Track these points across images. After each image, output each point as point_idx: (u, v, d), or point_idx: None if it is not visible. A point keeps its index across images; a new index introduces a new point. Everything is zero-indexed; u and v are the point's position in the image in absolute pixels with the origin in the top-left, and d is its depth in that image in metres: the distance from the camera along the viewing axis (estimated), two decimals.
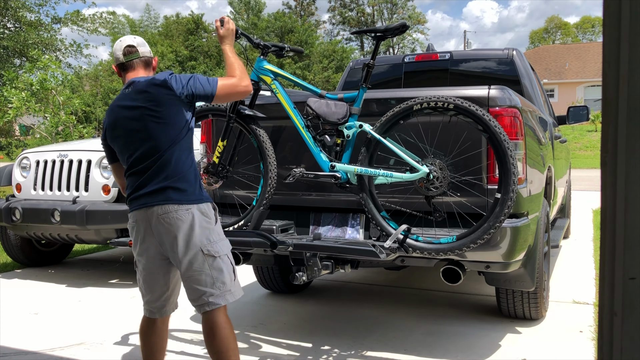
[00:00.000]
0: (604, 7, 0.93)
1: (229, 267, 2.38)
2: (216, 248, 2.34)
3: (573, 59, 39.27)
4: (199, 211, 2.33)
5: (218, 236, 2.39)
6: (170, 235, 2.31)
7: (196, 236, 2.30)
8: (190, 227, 2.29)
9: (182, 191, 2.32)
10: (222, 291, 2.33)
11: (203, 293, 2.32)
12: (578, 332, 3.52)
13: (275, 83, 3.10)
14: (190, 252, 2.30)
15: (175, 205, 2.29)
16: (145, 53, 2.54)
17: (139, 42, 2.55)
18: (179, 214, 2.28)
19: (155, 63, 2.62)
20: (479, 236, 2.71)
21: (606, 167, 0.94)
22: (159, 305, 2.54)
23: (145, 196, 2.33)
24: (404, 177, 2.82)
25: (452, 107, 2.72)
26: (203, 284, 2.32)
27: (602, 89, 0.94)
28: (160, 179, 2.32)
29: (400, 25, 2.97)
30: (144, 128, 2.34)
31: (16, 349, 3.39)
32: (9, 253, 5.58)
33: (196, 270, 2.31)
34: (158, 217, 2.30)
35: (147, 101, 2.35)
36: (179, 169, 2.34)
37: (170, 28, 33.11)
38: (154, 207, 2.31)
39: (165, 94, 2.35)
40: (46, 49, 20.15)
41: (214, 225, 2.38)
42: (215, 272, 2.32)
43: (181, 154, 2.35)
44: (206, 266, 2.31)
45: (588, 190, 11.54)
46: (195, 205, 2.33)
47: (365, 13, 49.96)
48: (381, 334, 3.53)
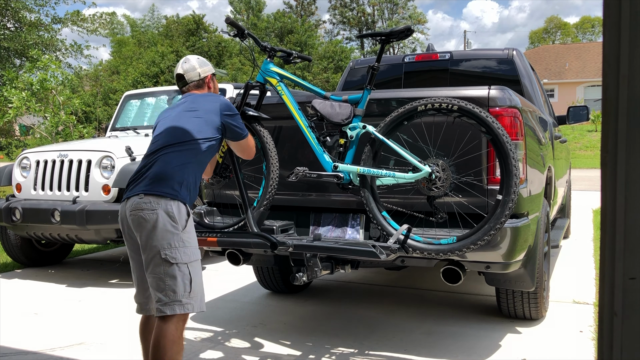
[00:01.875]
0: (604, 7, 0.93)
1: (185, 277, 2.29)
2: (174, 254, 2.28)
3: (573, 59, 39.27)
4: (165, 213, 2.29)
5: (181, 243, 2.31)
6: (137, 232, 2.33)
7: (157, 238, 2.27)
8: (153, 227, 2.28)
9: (157, 182, 2.34)
10: (170, 300, 2.26)
11: (156, 298, 2.30)
12: (578, 332, 3.52)
13: (281, 85, 3.14)
14: (150, 253, 2.29)
15: (143, 199, 2.30)
16: (193, 78, 2.72)
17: (187, 68, 2.72)
18: (145, 213, 2.29)
19: (208, 80, 2.78)
20: (479, 237, 2.71)
21: (606, 167, 0.94)
22: (142, 301, 2.53)
23: (129, 190, 2.42)
24: (407, 177, 2.83)
25: (456, 109, 2.73)
26: (156, 288, 2.29)
27: (602, 89, 0.94)
28: (148, 174, 2.41)
29: (405, 28, 2.99)
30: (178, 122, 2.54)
31: (16, 349, 3.39)
32: (9, 253, 5.58)
33: (152, 272, 2.29)
34: (130, 212, 2.34)
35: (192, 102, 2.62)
36: (168, 169, 2.40)
37: (171, 28, 33.12)
38: (129, 201, 2.37)
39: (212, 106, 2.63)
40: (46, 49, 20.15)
41: (179, 231, 2.31)
42: (168, 279, 2.26)
43: (186, 168, 2.46)
44: (161, 270, 2.27)
45: (588, 190, 11.54)
46: (163, 202, 2.30)
47: (365, 13, 49.94)
48: (381, 334, 3.53)
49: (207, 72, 2.78)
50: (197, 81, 2.73)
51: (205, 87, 2.76)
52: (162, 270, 2.26)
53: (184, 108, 2.61)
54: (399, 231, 2.83)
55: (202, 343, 3.46)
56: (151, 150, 2.52)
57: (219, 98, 2.67)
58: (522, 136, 2.94)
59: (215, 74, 2.86)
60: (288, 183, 3.16)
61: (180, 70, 2.74)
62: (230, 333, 3.59)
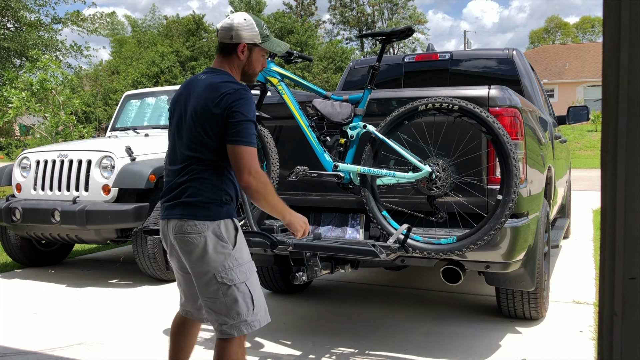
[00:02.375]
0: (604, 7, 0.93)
1: (246, 296, 2.15)
2: (231, 276, 2.13)
3: (573, 59, 39.27)
4: (213, 234, 2.12)
5: (235, 262, 2.15)
6: (184, 256, 2.18)
7: (209, 262, 2.12)
8: (203, 251, 2.11)
9: (196, 206, 2.13)
10: (236, 321, 2.14)
11: (216, 320, 2.17)
12: (578, 332, 3.52)
13: (281, 84, 3.14)
14: (203, 278, 2.14)
15: (188, 223, 2.11)
16: (224, 38, 2.22)
17: (223, 24, 2.24)
18: (192, 237, 2.11)
19: (240, 51, 2.23)
20: (479, 237, 2.71)
21: (606, 167, 0.94)
22: (192, 310, 2.40)
23: (167, 208, 2.21)
24: (407, 176, 2.84)
25: (457, 109, 2.73)
26: (217, 311, 2.15)
27: (602, 89, 0.94)
28: (181, 193, 2.16)
29: (406, 28, 2.99)
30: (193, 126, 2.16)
31: (16, 349, 3.39)
32: (9, 253, 5.58)
33: (210, 296, 2.15)
34: (174, 235, 2.17)
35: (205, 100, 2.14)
36: (203, 186, 2.15)
37: (171, 28, 33.12)
38: (171, 222, 2.19)
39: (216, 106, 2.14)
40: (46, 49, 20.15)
41: (231, 250, 2.15)
42: (229, 301, 2.13)
43: (211, 173, 2.16)
44: (220, 294, 2.13)
45: (588, 190, 11.54)
46: (209, 224, 2.11)
47: (365, 13, 49.94)
48: (381, 334, 3.53)
49: (244, 38, 2.21)
50: (226, 43, 2.22)
51: (234, 57, 2.24)
52: (221, 293, 2.12)
53: (192, 104, 2.18)
54: (399, 231, 2.83)
55: (202, 343, 3.46)
56: (177, 156, 2.21)
57: (233, 87, 2.13)
58: (522, 136, 2.94)
59: (260, 45, 2.27)
60: (288, 182, 3.16)
61: (220, 24, 2.26)
62: None
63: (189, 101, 2.20)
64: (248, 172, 2.07)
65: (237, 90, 2.11)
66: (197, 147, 2.14)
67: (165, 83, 27.40)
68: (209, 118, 2.11)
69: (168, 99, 6.30)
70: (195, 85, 2.22)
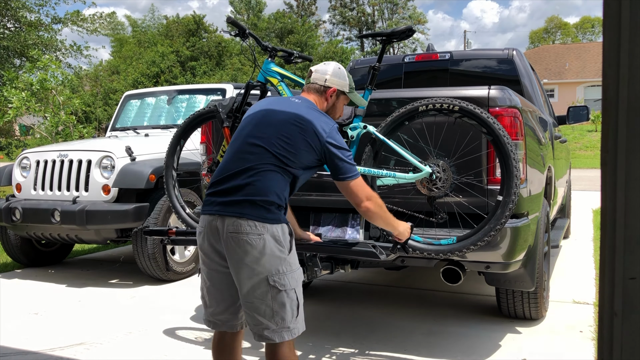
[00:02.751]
0: (604, 7, 0.93)
1: (293, 303, 2.15)
2: (283, 281, 2.12)
3: (573, 59, 39.27)
4: (272, 237, 2.10)
5: (289, 267, 2.15)
6: (237, 256, 2.12)
7: (265, 265, 2.10)
8: (261, 253, 2.09)
9: (259, 206, 2.11)
10: (279, 327, 2.13)
11: (260, 323, 2.14)
12: (578, 332, 3.52)
13: (282, 84, 3.14)
14: (254, 279, 2.10)
15: (248, 223, 2.09)
16: (317, 80, 2.49)
17: (318, 68, 2.52)
18: (250, 237, 2.08)
19: (329, 94, 2.49)
20: (479, 238, 2.71)
21: (606, 167, 0.94)
22: (224, 318, 2.29)
23: (221, 204, 2.16)
24: (407, 177, 2.83)
25: (457, 110, 2.73)
26: (262, 314, 2.12)
27: (602, 89, 0.94)
28: (244, 192, 2.13)
29: (406, 29, 2.99)
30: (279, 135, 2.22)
31: (16, 349, 3.39)
32: (9, 253, 5.58)
33: (257, 298, 2.12)
34: (229, 233, 2.11)
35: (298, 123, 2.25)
36: (269, 187, 2.14)
37: (171, 28, 33.11)
38: (226, 219, 2.12)
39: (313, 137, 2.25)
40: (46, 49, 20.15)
41: (286, 254, 2.14)
42: (276, 306, 2.11)
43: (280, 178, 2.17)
44: (269, 297, 2.10)
45: (588, 190, 11.54)
46: (269, 227, 2.10)
47: (365, 13, 49.95)
48: (381, 334, 3.54)
49: (335, 84, 2.50)
50: (318, 85, 2.47)
51: (323, 97, 2.48)
52: (270, 297, 2.10)
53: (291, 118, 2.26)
54: None
55: (203, 343, 3.46)
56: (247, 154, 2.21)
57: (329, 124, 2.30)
58: (522, 136, 2.94)
59: (346, 94, 2.56)
60: None
61: (314, 67, 2.55)
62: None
63: (283, 115, 2.27)
64: (366, 199, 2.27)
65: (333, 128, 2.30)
66: (278, 153, 2.17)
67: (165, 83, 27.39)
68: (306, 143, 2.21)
69: (168, 99, 6.30)
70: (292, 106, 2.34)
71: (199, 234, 2.26)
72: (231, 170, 2.20)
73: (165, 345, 3.44)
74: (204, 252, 2.24)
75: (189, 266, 5.13)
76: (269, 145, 2.19)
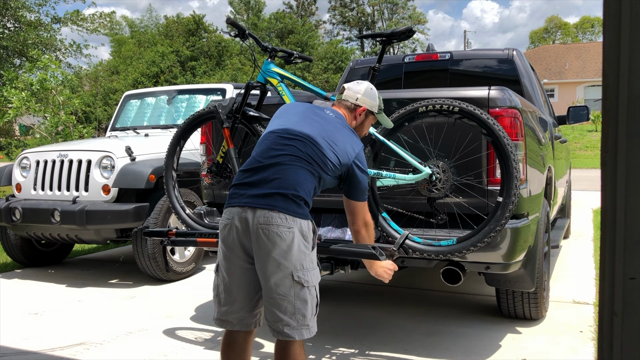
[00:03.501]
0: (604, 7, 0.93)
1: (314, 301, 2.21)
2: (307, 277, 2.16)
3: (573, 59, 39.28)
4: (300, 232, 2.12)
5: (312, 264, 2.20)
6: (265, 248, 2.11)
7: (291, 259, 2.10)
8: (289, 247, 2.10)
9: (291, 200, 2.13)
10: (299, 324, 2.15)
11: (280, 320, 2.14)
12: (578, 332, 3.52)
13: (281, 85, 3.14)
14: (279, 274, 2.10)
15: (280, 216, 2.10)
16: (349, 98, 2.57)
17: (351, 86, 2.59)
18: (280, 230, 2.09)
19: (360, 112, 2.57)
20: (479, 239, 2.71)
21: (606, 167, 0.94)
22: (239, 316, 2.26)
23: (252, 196, 2.16)
24: (407, 178, 2.84)
25: (457, 111, 2.73)
26: (283, 311, 2.13)
27: (602, 89, 0.94)
28: (275, 184, 2.16)
29: (406, 29, 2.99)
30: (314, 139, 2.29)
31: (16, 349, 3.39)
32: (9, 253, 5.58)
33: (280, 294, 2.12)
34: (259, 225, 2.10)
35: (331, 133, 2.34)
36: (299, 182, 2.18)
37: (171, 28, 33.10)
38: (257, 211, 2.12)
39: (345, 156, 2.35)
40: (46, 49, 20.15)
41: (310, 251, 2.18)
42: (298, 302, 2.14)
43: (310, 177, 2.22)
44: (292, 293, 2.13)
45: (588, 190, 11.54)
46: (299, 221, 2.13)
47: (365, 13, 49.96)
48: (381, 334, 3.54)
49: (366, 104, 2.57)
50: (350, 104, 2.56)
51: (352, 115, 2.56)
52: (293, 292, 2.12)
53: (328, 128, 2.36)
54: (402, 236, 2.84)
55: (203, 343, 3.46)
56: (280, 150, 2.25)
57: (358, 145, 2.41)
58: (522, 137, 2.94)
59: (374, 114, 2.63)
60: None
61: (347, 84, 2.63)
62: None
63: (318, 125, 2.35)
64: (364, 223, 2.48)
65: (362, 150, 2.41)
66: (309, 156, 2.24)
67: (165, 83, 27.39)
68: (335, 157, 2.29)
69: (168, 99, 6.30)
70: (327, 119, 2.43)
71: (223, 227, 2.21)
72: (262, 163, 2.22)
73: (165, 345, 3.44)
74: (227, 245, 2.20)
75: (189, 266, 5.13)
76: (302, 146, 2.25)
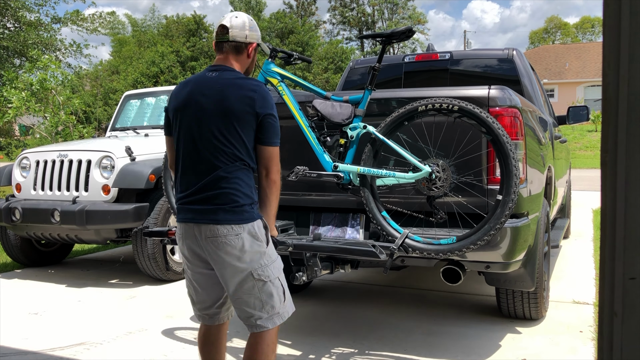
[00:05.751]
0: (604, 7, 0.93)
1: (279, 290, 2.25)
2: (267, 272, 2.21)
3: (573, 59, 39.27)
4: (249, 235, 2.16)
5: (269, 259, 2.23)
6: (219, 258, 2.17)
7: (246, 261, 2.16)
8: (241, 251, 2.15)
9: (231, 211, 2.14)
10: (270, 314, 2.23)
11: (251, 315, 2.23)
12: (578, 332, 3.52)
13: (282, 85, 3.14)
14: (239, 276, 2.17)
15: (224, 227, 2.13)
16: (238, 37, 2.29)
17: (235, 24, 2.29)
18: (229, 239, 2.13)
19: (251, 50, 2.35)
20: (479, 237, 2.71)
21: (606, 167, 0.94)
22: (212, 312, 2.39)
23: (194, 212, 2.18)
24: (407, 176, 2.84)
25: (457, 109, 2.73)
26: (252, 307, 2.21)
27: (602, 89, 0.94)
28: (211, 193, 2.16)
29: (406, 29, 2.99)
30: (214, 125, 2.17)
31: (16, 349, 3.39)
32: (9, 253, 5.58)
33: (245, 292, 2.20)
34: (206, 238, 2.16)
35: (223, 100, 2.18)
36: (233, 184, 2.16)
37: (171, 28, 33.10)
38: (202, 226, 2.16)
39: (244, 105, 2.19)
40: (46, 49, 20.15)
41: (265, 247, 2.22)
42: (264, 296, 2.21)
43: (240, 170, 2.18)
44: (256, 290, 2.19)
45: (588, 190, 11.54)
46: (245, 226, 2.15)
47: (365, 13, 49.95)
48: (381, 334, 3.53)
49: (255, 39, 2.35)
50: (239, 43, 2.30)
51: (244, 55, 2.33)
52: (257, 289, 2.19)
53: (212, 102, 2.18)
54: (403, 235, 2.84)
55: (193, 342, 3.46)
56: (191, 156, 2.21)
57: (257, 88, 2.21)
58: (522, 136, 2.94)
59: (260, 45, 2.45)
60: (288, 182, 3.16)
61: (227, 22, 2.30)
62: (231, 333, 3.59)
63: (207, 100, 2.19)
64: (277, 170, 2.26)
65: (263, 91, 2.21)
66: (225, 148, 2.15)
67: (165, 83, 27.39)
68: (241, 118, 2.16)
69: (168, 99, 6.29)
70: (210, 84, 2.23)
71: (178, 239, 2.30)
72: (192, 175, 2.21)
73: (165, 345, 3.44)
74: (185, 256, 2.30)
75: None
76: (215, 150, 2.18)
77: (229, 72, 2.26)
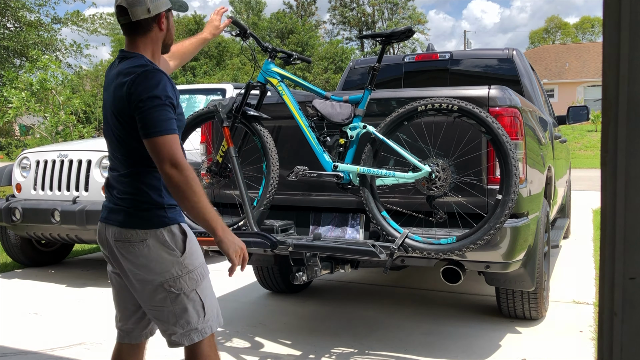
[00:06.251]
0: (604, 7, 0.93)
1: (197, 304, 1.98)
2: (179, 284, 1.94)
3: (573, 59, 39.27)
4: (157, 242, 1.92)
5: (184, 269, 1.95)
6: (125, 264, 1.97)
7: (154, 270, 1.93)
8: (147, 259, 1.92)
9: (136, 215, 1.94)
10: (186, 330, 1.97)
11: (165, 330, 2.00)
12: (578, 332, 3.52)
13: (281, 85, 3.15)
14: (149, 286, 1.95)
15: (129, 231, 1.93)
16: (140, 14, 1.91)
17: (132, 1, 1.91)
18: (133, 245, 1.92)
19: (161, 23, 1.98)
20: (479, 237, 2.71)
21: (606, 167, 0.93)
22: (127, 328, 2.13)
23: (107, 210, 2.01)
24: (407, 176, 2.84)
25: (456, 109, 2.73)
26: (165, 320, 1.98)
27: (602, 89, 0.94)
28: (120, 191, 1.97)
29: (406, 29, 2.99)
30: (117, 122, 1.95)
31: (16, 349, 3.39)
32: (9, 253, 5.58)
33: (157, 304, 1.97)
34: (115, 242, 1.97)
35: None
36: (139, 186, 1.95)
37: None
38: (110, 227, 1.98)
39: None
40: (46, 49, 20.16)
41: (179, 256, 1.94)
42: (178, 310, 1.95)
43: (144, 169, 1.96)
44: (167, 302, 1.95)
45: (588, 190, 11.54)
46: (152, 232, 1.92)
47: (365, 13, 49.96)
48: (381, 334, 3.53)
49: (162, 6, 1.96)
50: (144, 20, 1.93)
51: (154, 31, 1.97)
52: (169, 302, 1.95)
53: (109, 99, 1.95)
54: (403, 235, 2.84)
55: None
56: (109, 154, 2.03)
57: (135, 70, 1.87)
58: (522, 136, 2.94)
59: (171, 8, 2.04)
60: (288, 182, 3.16)
61: (123, 1, 1.91)
62: (231, 333, 3.59)
63: (107, 96, 1.97)
64: (169, 164, 1.80)
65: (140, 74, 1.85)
66: (123, 148, 1.94)
67: None
68: (123, 113, 1.88)
69: None
70: (110, 78, 1.99)
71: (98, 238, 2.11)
72: (112, 172, 2.03)
73: (165, 345, 3.44)
74: (104, 255, 2.11)
75: None
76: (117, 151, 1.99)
77: (127, 61, 1.93)
